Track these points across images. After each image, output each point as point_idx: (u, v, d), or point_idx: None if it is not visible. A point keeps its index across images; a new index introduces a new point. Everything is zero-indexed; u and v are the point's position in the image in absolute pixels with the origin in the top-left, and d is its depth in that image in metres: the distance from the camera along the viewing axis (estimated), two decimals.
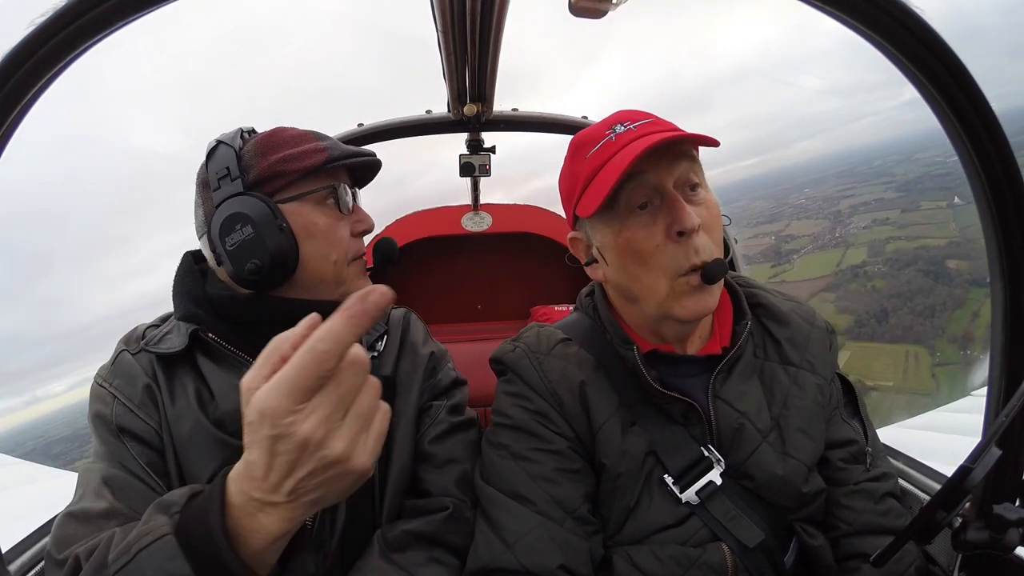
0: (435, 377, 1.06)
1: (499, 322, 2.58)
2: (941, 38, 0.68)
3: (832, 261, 70.04)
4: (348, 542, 0.87)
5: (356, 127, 1.76)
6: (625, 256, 0.85)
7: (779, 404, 0.93)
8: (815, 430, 0.93)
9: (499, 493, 0.89)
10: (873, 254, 68.55)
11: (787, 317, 0.99)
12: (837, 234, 78.64)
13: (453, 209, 2.44)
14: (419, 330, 1.12)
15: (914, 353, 48.66)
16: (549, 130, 1.85)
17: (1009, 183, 0.74)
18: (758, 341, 0.98)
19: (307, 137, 0.94)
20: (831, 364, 1.00)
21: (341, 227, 0.94)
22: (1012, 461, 0.79)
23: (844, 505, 0.94)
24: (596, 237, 0.91)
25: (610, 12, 0.80)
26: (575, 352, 0.96)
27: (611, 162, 0.83)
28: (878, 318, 53.78)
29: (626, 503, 0.88)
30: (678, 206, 0.81)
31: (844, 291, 62.23)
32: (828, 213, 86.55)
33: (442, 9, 1.00)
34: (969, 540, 0.73)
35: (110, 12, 0.56)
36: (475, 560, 0.86)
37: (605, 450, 0.90)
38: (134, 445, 0.83)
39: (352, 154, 0.96)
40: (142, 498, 0.78)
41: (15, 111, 0.59)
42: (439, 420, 1.01)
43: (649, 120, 0.87)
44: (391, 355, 1.04)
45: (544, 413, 0.92)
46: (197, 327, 0.90)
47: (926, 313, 52.70)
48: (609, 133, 0.86)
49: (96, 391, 0.89)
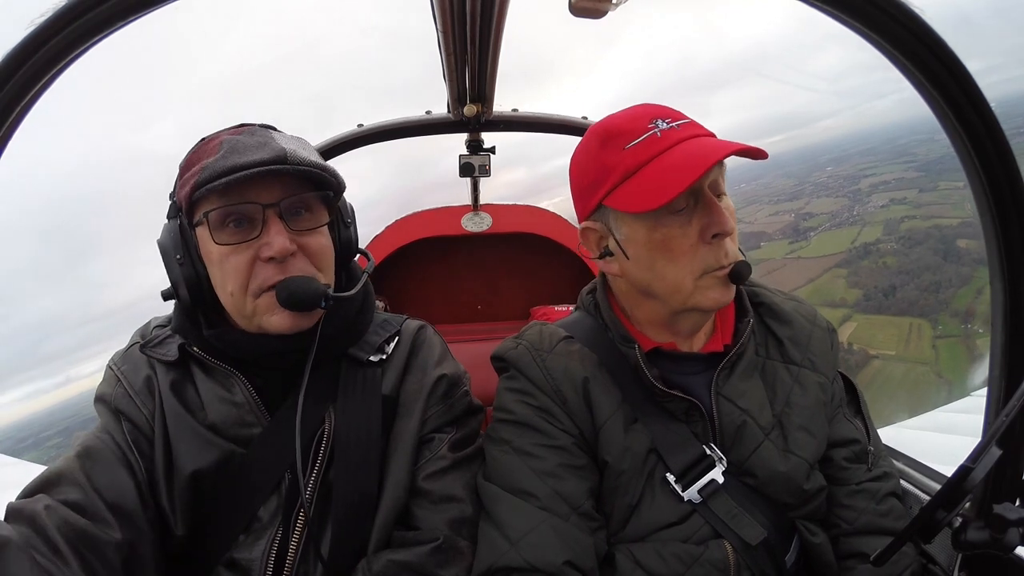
0: (447, 403, 0.97)
1: (499, 322, 2.58)
2: (941, 38, 0.68)
3: (848, 239, 71.14)
4: (332, 571, 0.84)
5: (356, 127, 1.76)
6: (656, 253, 0.85)
7: (781, 402, 0.93)
8: (817, 427, 0.93)
9: (501, 490, 0.88)
10: (888, 232, 69.56)
11: (789, 316, 1.00)
12: (855, 212, 79.16)
13: (453, 209, 2.44)
14: (434, 349, 1.02)
15: (917, 325, 51.04)
16: (549, 130, 1.85)
17: (1009, 183, 0.74)
18: (760, 340, 0.99)
19: (206, 152, 0.84)
20: (833, 363, 1.00)
21: (235, 254, 0.82)
22: (1012, 461, 0.79)
23: (846, 504, 0.94)
24: (621, 231, 0.88)
25: (610, 12, 0.80)
26: (577, 350, 0.96)
27: (664, 160, 0.81)
28: (885, 292, 55.94)
29: (628, 501, 0.88)
30: (717, 210, 0.83)
31: (856, 267, 63.84)
32: (848, 191, 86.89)
33: (442, 9, 1.00)
34: (969, 540, 0.73)
35: (110, 12, 0.56)
36: (480, 562, 0.86)
37: (608, 447, 0.90)
38: (127, 425, 0.86)
39: (224, 172, 0.79)
40: (111, 467, 0.81)
41: (15, 111, 0.59)
42: (439, 455, 0.93)
43: (686, 120, 0.86)
44: (397, 368, 0.97)
45: (548, 409, 0.92)
46: (184, 341, 0.91)
47: (932, 289, 54.67)
48: (652, 128, 0.84)
49: (107, 373, 0.93)
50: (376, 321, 1.02)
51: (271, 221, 0.83)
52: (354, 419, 0.90)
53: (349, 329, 0.95)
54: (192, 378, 0.90)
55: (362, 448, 0.89)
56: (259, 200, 0.82)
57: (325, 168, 0.87)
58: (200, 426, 0.86)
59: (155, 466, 0.85)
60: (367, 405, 0.92)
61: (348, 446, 0.88)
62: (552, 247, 2.48)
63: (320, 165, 0.86)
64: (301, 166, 0.82)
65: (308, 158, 0.84)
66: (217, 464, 0.85)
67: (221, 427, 0.86)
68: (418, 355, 1.00)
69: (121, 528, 0.77)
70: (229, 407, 0.87)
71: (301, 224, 0.86)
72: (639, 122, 0.85)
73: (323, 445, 0.88)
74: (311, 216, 0.88)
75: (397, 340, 1.00)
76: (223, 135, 0.87)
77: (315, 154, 0.90)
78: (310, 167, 0.83)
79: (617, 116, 0.89)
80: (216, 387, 0.89)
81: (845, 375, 1.05)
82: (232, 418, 0.87)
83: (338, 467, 0.87)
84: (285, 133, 0.92)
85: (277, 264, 0.83)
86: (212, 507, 0.85)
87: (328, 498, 0.86)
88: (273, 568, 0.83)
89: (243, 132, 0.87)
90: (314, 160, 0.85)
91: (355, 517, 0.86)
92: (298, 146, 0.87)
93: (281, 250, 0.82)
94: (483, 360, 1.09)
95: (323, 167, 0.86)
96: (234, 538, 0.84)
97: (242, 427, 0.87)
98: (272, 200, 0.83)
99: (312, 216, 0.88)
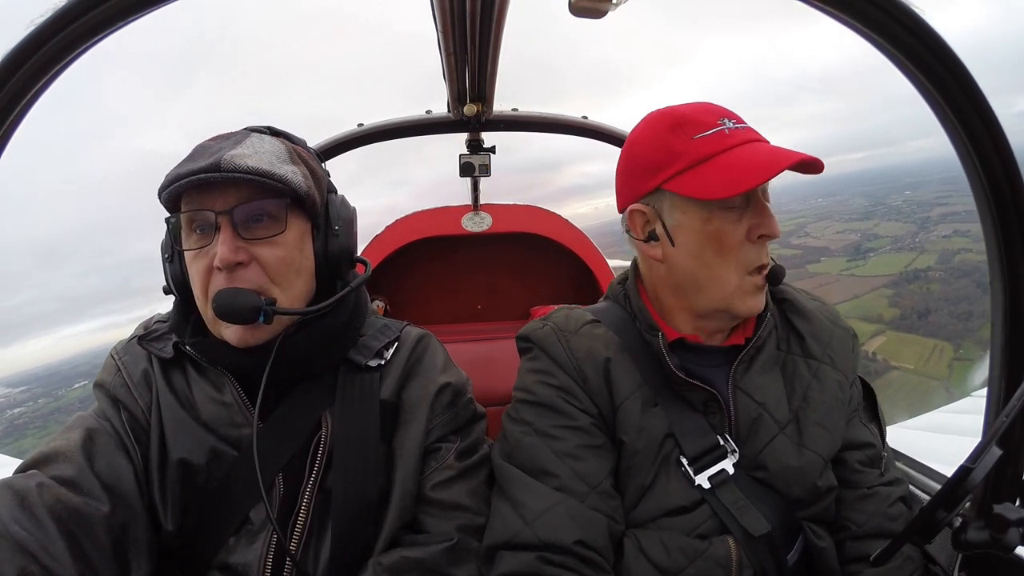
0: (451, 411, 0.96)
1: (499, 322, 2.58)
2: (941, 38, 0.68)
3: (902, 263, 73.64)
4: (334, 573, 0.83)
5: (356, 127, 1.76)
6: (707, 243, 0.88)
7: (799, 397, 0.95)
8: (833, 424, 0.95)
9: (520, 472, 0.90)
10: (941, 262, 71.79)
11: (811, 314, 1.02)
12: (917, 239, 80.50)
13: (453, 209, 2.44)
14: (437, 357, 1.01)
15: (940, 347, 54.23)
16: (549, 130, 1.85)
17: (1009, 183, 0.74)
18: (782, 335, 1.01)
19: (193, 155, 0.83)
20: (852, 365, 1.02)
21: (196, 260, 0.83)
22: (1012, 461, 0.79)
23: (856, 508, 0.94)
24: (674, 216, 0.90)
25: (610, 12, 0.80)
26: (602, 333, 0.99)
27: (733, 156, 0.85)
28: (920, 314, 59.07)
29: (641, 481, 0.90)
30: (767, 213, 0.88)
31: (901, 289, 66.90)
32: (918, 218, 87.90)
33: (442, 9, 1.00)
34: (969, 540, 0.73)
35: (110, 13, 0.56)
36: (491, 537, 0.87)
37: (624, 426, 0.92)
38: (125, 415, 0.87)
39: (170, 181, 0.79)
40: (110, 450, 0.81)
41: (15, 111, 0.59)
42: (446, 464, 0.92)
43: (746, 124, 0.90)
44: (395, 374, 0.95)
45: (568, 389, 0.94)
46: (179, 340, 0.90)
47: (963, 316, 57.81)
48: (721, 124, 0.88)
49: (108, 361, 0.93)
50: (375, 326, 1.01)
51: (223, 229, 0.81)
52: (352, 424, 0.89)
53: (339, 338, 0.93)
54: (186, 376, 0.90)
55: (361, 453, 0.88)
56: (213, 207, 0.81)
57: (269, 175, 0.81)
58: (194, 422, 0.86)
59: (150, 457, 0.85)
60: (365, 410, 0.91)
61: (347, 451, 0.87)
62: (552, 247, 2.48)
63: (261, 172, 0.80)
64: (235, 173, 0.78)
65: (244, 164, 0.79)
66: (208, 460, 0.84)
67: (212, 426, 0.86)
68: (421, 362, 0.98)
69: (114, 508, 0.77)
70: (219, 407, 0.87)
71: (257, 232, 0.83)
72: (709, 116, 0.89)
73: (320, 450, 0.87)
74: (272, 224, 0.84)
75: (397, 346, 0.99)
76: (205, 141, 0.87)
77: (279, 160, 0.85)
78: (245, 174, 0.79)
79: (685, 107, 0.92)
80: (207, 387, 0.89)
81: (864, 380, 1.05)
82: (222, 418, 0.87)
83: (336, 473, 0.86)
84: (265, 137, 0.89)
85: (226, 273, 0.81)
86: (202, 504, 0.84)
87: (326, 504, 0.85)
88: (271, 573, 0.82)
89: (222, 137, 0.86)
90: (252, 166, 0.80)
91: (356, 523, 0.85)
92: (251, 151, 0.83)
93: (222, 260, 0.79)
94: (483, 360, 1.09)
95: (266, 174, 0.80)
96: (224, 540, 0.84)
97: (232, 427, 0.87)
98: (225, 207, 0.81)
99: (273, 224, 0.84)
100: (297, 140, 0.97)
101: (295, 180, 0.85)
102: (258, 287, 0.83)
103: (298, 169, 0.88)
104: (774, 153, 0.84)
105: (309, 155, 0.96)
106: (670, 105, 0.94)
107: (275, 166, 0.83)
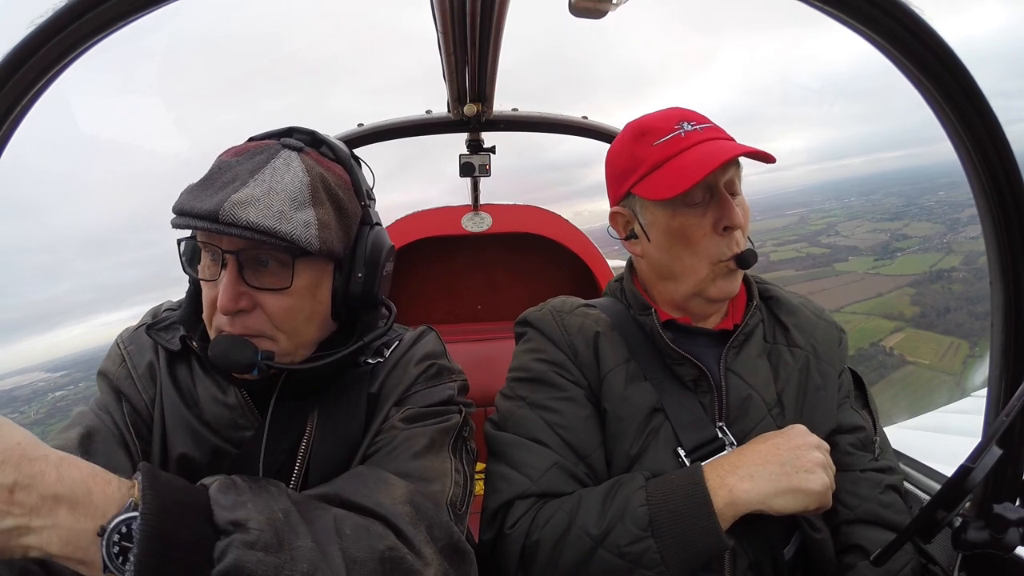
0: (430, 384, 0.89)
1: (499, 322, 2.57)
2: (941, 38, 0.68)
3: (928, 263, 74.37)
4: None
5: (356, 127, 1.76)
6: (674, 238, 0.95)
7: (783, 382, 0.99)
8: (814, 409, 0.98)
9: (516, 436, 0.94)
10: (966, 263, 72.34)
11: (796, 308, 1.07)
12: (946, 240, 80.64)
13: (453, 209, 2.44)
14: (426, 345, 0.95)
15: (956, 344, 55.41)
16: (549, 130, 1.85)
17: (1009, 183, 0.74)
18: (768, 328, 1.05)
19: (206, 181, 0.78)
20: (839, 358, 1.05)
21: (207, 287, 0.80)
22: (1012, 461, 0.79)
23: (848, 491, 0.96)
24: (645, 216, 0.99)
25: (610, 12, 0.80)
26: (595, 313, 1.05)
27: (685, 157, 0.92)
28: (939, 312, 60.15)
29: (627, 449, 0.93)
30: (728, 205, 0.93)
31: (924, 288, 67.69)
32: (948, 219, 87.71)
33: (442, 9, 1.00)
34: (969, 540, 0.73)
35: (110, 13, 0.56)
36: (498, 496, 0.90)
37: (608, 395, 0.95)
38: (127, 407, 0.86)
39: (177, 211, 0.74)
40: (110, 449, 0.80)
41: (16, 111, 0.59)
42: (390, 426, 0.83)
43: (708, 124, 0.96)
44: (388, 366, 0.91)
45: (560, 363, 0.99)
46: (186, 334, 0.89)
47: (982, 316, 60.79)
48: (677, 128, 0.94)
49: (113, 350, 0.92)
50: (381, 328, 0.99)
51: (229, 269, 0.76)
52: (335, 424, 0.87)
53: (348, 365, 0.90)
54: (191, 371, 0.90)
55: (340, 453, 0.85)
56: (220, 245, 0.76)
57: (272, 233, 0.72)
58: (196, 421, 0.86)
59: (151, 452, 0.84)
60: (351, 405, 0.88)
61: (324, 453, 0.85)
62: (552, 247, 2.48)
63: (262, 229, 0.71)
64: (232, 228, 0.71)
65: (244, 219, 0.71)
66: (209, 458, 0.84)
67: (215, 426, 0.86)
68: (408, 352, 0.93)
69: None
70: (222, 408, 0.86)
71: (263, 280, 0.78)
72: (668, 122, 0.96)
73: (302, 452, 0.85)
74: (278, 270, 0.78)
75: (397, 344, 0.96)
76: (230, 151, 0.81)
77: (293, 206, 0.75)
78: (244, 230, 0.71)
79: (650, 116, 1.00)
80: (211, 386, 0.88)
81: (853, 370, 1.08)
82: (225, 419, 0.86)
83: (314, 475, 0.84)
84: (292, 162, 0.79)
85: (228, 318, 0.78)
86: None
87: None
88: None
89: (247, 152, 0.79)
90: (253, 221, 0.71)
91: None
92: (262, 193, 0.74)
93: (222, 307, 0.76)
94: (483, 360, 1.09)
95: (268, 232, 0.72)
96: None
97: (235, 429, 0.86)
98: (232, 248, 0.76)
99: (280, 271, 0.78)
100: (340, 152, 0.88)
101: (304, 236, 0.75)
102: (260, 333, 0.79)
103: (316, 214, 0.77)
104: (718, 149, 0.90)
105: (342, 181, 0.85)
106: (643, 115, 1.01)
107: (283, 217, 0.74)
